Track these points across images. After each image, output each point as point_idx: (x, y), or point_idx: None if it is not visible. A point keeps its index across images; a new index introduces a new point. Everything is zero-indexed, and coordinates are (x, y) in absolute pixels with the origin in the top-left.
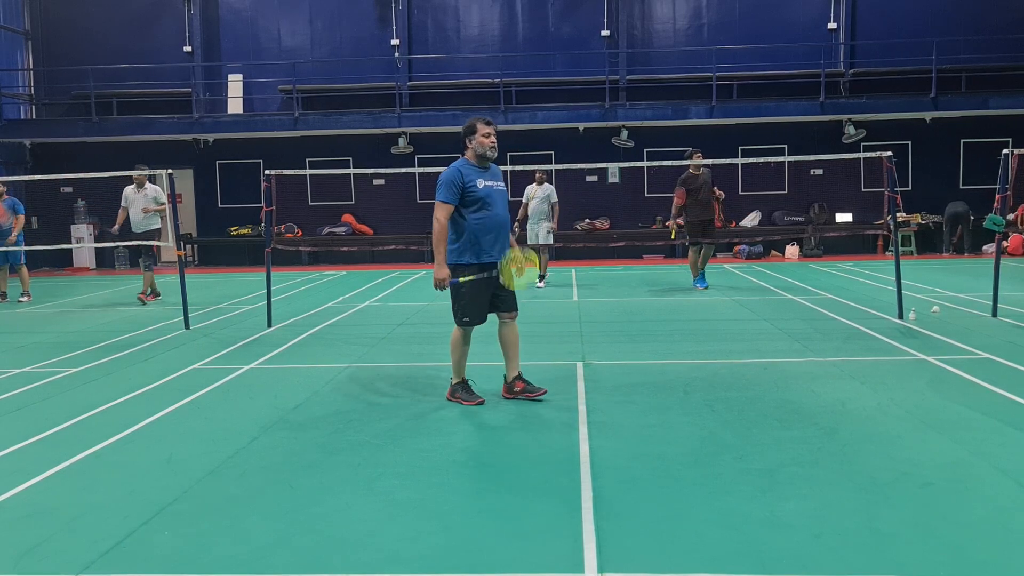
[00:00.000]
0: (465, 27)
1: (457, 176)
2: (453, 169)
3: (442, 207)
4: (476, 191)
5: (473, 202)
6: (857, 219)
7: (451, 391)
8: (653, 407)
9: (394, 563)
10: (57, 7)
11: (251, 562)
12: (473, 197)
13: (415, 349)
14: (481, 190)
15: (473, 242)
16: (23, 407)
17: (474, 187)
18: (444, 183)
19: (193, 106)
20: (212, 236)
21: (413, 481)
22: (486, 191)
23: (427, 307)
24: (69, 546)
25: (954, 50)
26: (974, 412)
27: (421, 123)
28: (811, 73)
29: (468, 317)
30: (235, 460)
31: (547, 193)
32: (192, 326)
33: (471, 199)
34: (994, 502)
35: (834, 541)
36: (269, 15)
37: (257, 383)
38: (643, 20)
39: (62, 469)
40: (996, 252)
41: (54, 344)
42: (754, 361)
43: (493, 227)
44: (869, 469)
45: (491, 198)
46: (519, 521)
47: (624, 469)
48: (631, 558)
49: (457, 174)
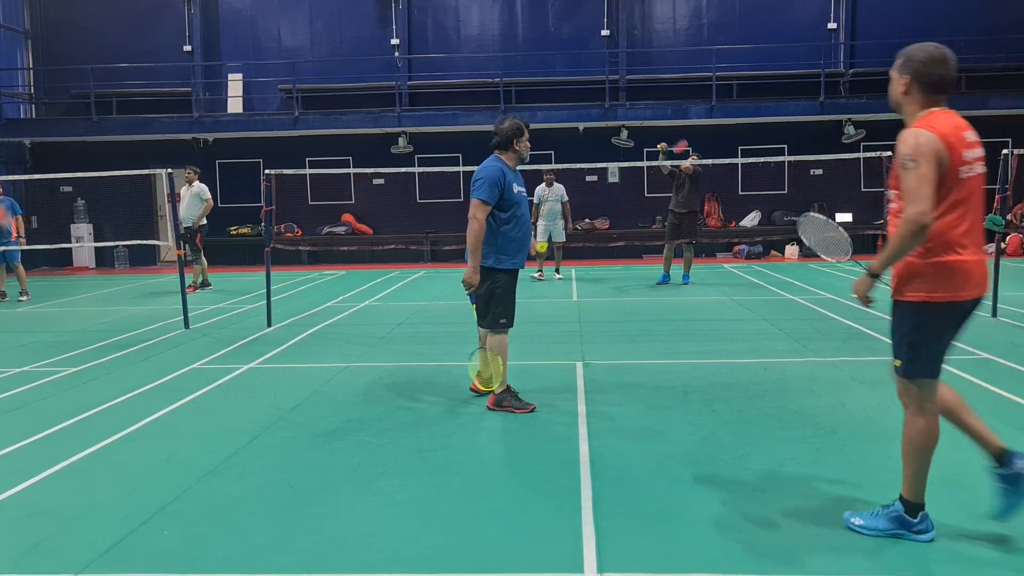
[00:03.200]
0: (465, 27)
1: (500, 176)
2: (495, 168)
3: (483, 207)
4: (512, 195)
5: (509, 206)
6: (857, 219)
7: (497, 400)
8: (653, 407)
9: (394, 563)
10: (57, 7)
11: (251, 562)
12: (510, 201)
13: (415, 349)
14: (516, 195)
15: (501, 247)
16: (23, 406)
17: (511, 190)
18: (487, 181)
19: (193, 105)
20: (212, 235)
21: (413, 481)
22: (520, 196)
23: (427, 307)
24: (69, 545)
25: (954, 50)
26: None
27: (421, 123)
28: (811, 73)
29: (505, 319)
30: (235, 460)
31: (560, 193)
32: (192, 326)
33: (507, 203)
34: (994, 502)
35: (834, 541)
36: (269, 15)
37: (257, 383)
38: (643, 20)
39: (62, 468)
40: (996, 252)
41: (54, 343)
42: (754, 361)
43: (523, 234)
44: (869, 469)
45: (522, 204)
46: (519, 521)
47: (624, 469)
48: (631, 558)
49: (500, 174)
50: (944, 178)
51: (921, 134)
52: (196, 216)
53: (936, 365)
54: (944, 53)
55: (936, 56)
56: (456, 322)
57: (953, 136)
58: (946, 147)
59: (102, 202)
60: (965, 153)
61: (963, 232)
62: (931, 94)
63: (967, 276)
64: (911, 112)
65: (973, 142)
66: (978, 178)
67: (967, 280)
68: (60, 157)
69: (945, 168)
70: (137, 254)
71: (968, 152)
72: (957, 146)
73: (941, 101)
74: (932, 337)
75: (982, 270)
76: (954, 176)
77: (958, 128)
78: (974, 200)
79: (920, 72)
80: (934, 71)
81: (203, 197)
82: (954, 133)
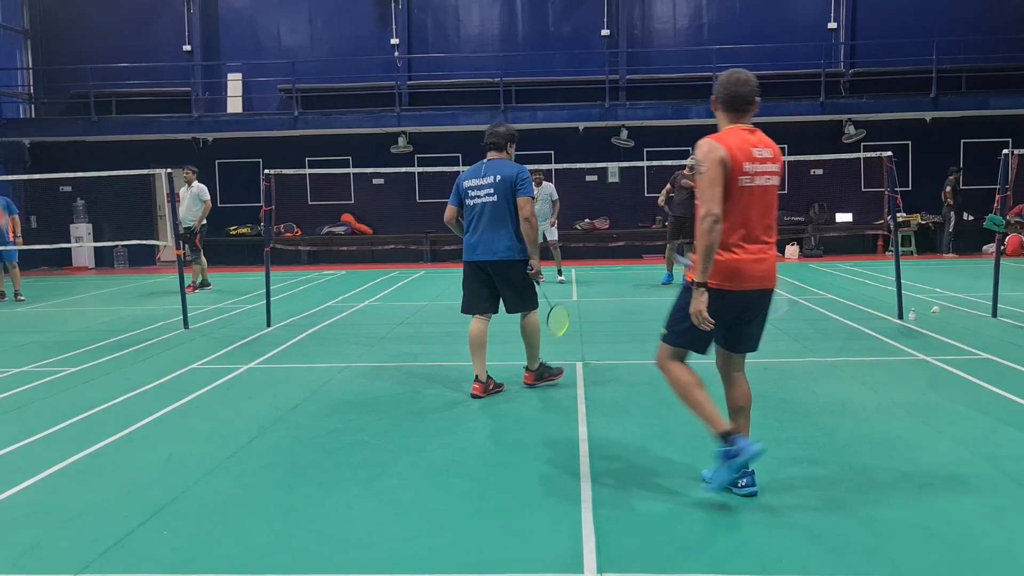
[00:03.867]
0: (465, 26)
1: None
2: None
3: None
4: None
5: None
6: (857, 219)
7: (536, 375)
8: (653, 407)
9: (394, 563)
10: (56, 6)
11: (250, 562)
12: None
13: (414, 349)
14: None
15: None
16: (22, 406)
17: None
18: (530, 180)
19: (192, 105)
20: (212, 235)
21: (413, 481)
22: None
23: (426, 307)
24: (68, 545)
25: (954, 50)
26: (974, 412)
27: (421, 123)
28: (811, 73)
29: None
30: (234, 460)
31: (548, 192)
32: (191, 326)
33: None
34: (994, 502)
35: (834, 541)
36: (269, 14)
37: (256, 383)
38: (643, 19)
39: (61, 468)
40: (996, 252)
41: (53, 343)
42: (754, 361)
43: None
44: (869, 469)
45: None
46: (519, 521)
47: (624, 469)
48: (631, 558)
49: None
50: (725, 185)
51: (708, 144)
52: (197, 218)
53: (701, 343)
54: (739, 77)
55: (732, 79)
56: (456, 322)
57: (738, 150)
58: (729, 157)
59: (101, 202)
60: (746, 166)
61: (740, 236)
62: (731, 112)
63: (737, 272)
64: (720, 127)
65: (764, 158)
66: (762, 189)
67: (738, 276)
68: (59, 157)
69: (727, 175)
70: (136, 254)
71: (751, 165)
72: (740, 158)
73: (743, 118)
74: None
75: (758, 268)
76: (733, 184)
77: (747, 143)
78: (757, 209)
79: (720, 93)
80: (730, 91)
81: (202, 198)
82: (740, 147)
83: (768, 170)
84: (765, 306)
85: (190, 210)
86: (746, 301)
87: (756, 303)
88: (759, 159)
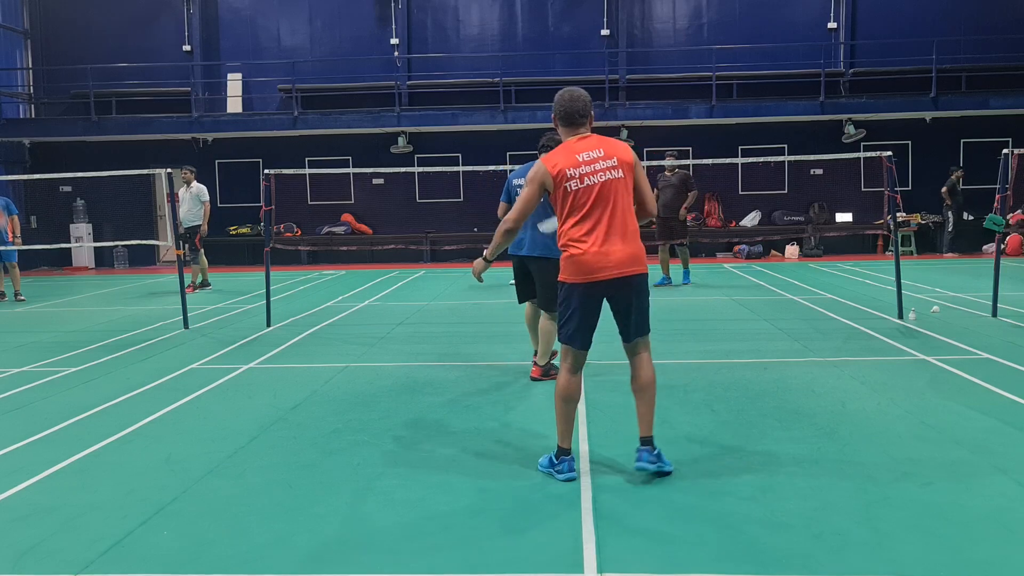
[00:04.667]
0: (465, 26)
1: None
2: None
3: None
4: None
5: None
6: (857, 219)
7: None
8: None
9: (394, 563)
10: (56, 7)
11: (250, 562)
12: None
13: (414, 349)
14: None
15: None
16: (22, 406)
17: None
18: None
19: (192, 105)
20: (212, 235)
21: (413, 481)
22: None
23: (426, 307)
24: (68, 545)
25: (954, 50)
26: (974, 412)
27: (420, 122)
28: (811, 73)
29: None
30: (234, 460)
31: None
32: (191, 326)
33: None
34: (994, 502)
35: (834, 541)
36: (268, 14)
37: (256, 383)
38: (643, 19)
39: (61, 468)
40: (996, 252)
41: (53, 343)
42: (754, 361)
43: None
44: (869, 469)
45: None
46: (519, 521)
47: (624, 469)
48: (631, 558)
49: None
50: (554, 196)
51: (535, 166)
52: (198, 219)
53: (577, 337)
54: (573, 94)
55: (566, 97)
56: (456, 322)
57: (563, 162)
58: (551, 175)
59: (101, 202)
60: (569, 171)
61: (584, 231)
62: (568, 126)
63: (587, 265)
64: (563, 139)
65: (592, 159)
66: (601, 185)
67: (588, 268)
68: (59, 157)
69: (549, 188)
70: (136, 254)
71: (574, 170)
72: (562, 168)
73: (579, 130)
74: (573, 310)
75: (606, 259)
76: (562, 191)
77: (572, 152)
78: (600, 205)
79: (558, 111)
80: (566, 107)
81: (202, 198)
82: (565, 159)
83: (599, 167)
84: (633, 292)
85: (190, 211)
86: (606, 290)
87: (622, 290)
88: (585, 161)
